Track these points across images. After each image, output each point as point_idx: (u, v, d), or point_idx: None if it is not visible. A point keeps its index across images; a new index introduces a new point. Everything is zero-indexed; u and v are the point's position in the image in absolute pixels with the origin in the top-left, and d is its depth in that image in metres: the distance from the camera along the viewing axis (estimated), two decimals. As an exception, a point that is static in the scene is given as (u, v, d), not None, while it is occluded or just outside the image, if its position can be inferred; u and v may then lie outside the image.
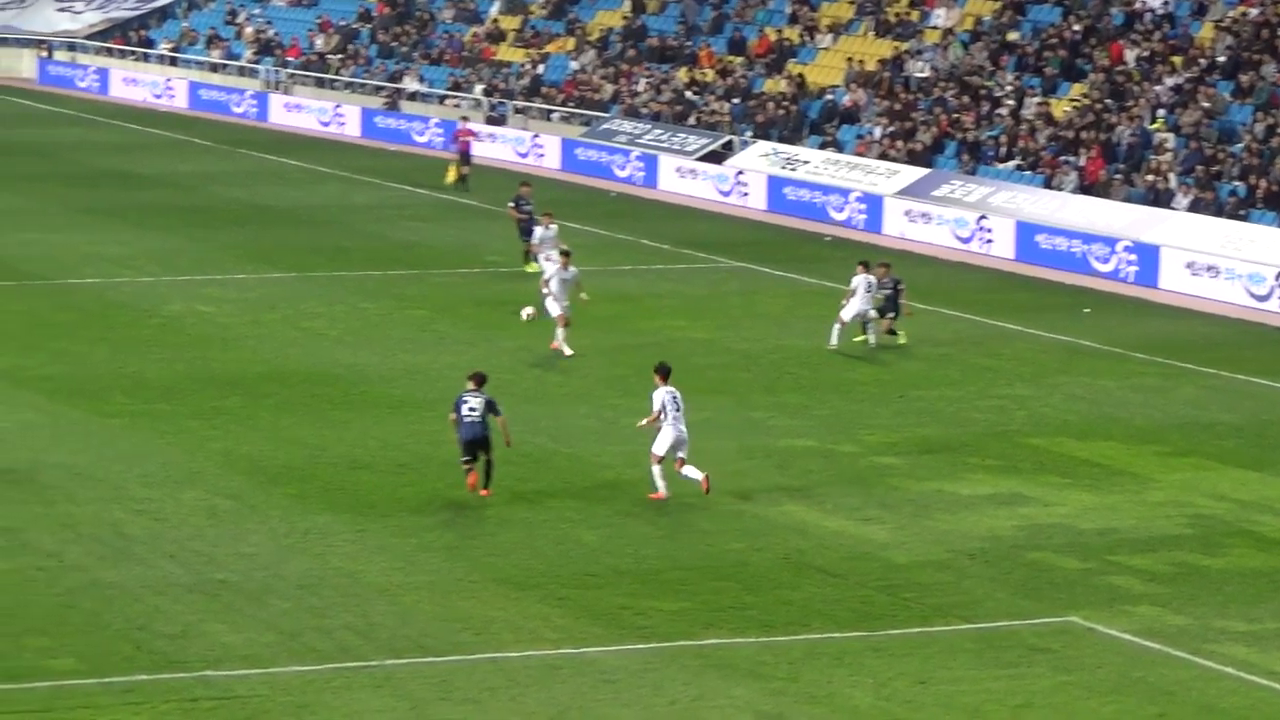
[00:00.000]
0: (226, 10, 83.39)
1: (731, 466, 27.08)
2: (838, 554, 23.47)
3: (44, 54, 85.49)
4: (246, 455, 27.42)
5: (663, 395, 25.07)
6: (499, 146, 63.41)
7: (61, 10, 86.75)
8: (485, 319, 37.66)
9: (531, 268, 41.06)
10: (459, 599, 21.12)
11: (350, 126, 70.76)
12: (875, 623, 20.63)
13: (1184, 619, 21.16)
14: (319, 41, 78.45)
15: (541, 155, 63.77)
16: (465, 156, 56.25)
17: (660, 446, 24.92)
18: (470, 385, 25.23)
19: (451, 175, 55.32)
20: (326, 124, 71.48)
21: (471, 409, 24.74)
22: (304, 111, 72.93)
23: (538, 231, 40.18)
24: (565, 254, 35.75)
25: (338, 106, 72.17)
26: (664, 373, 25.49)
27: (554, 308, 34.32)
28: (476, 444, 24.77)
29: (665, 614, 20.70)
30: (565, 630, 20.03)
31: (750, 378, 34.37)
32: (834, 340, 35.95)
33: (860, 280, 35.79)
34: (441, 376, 26.71)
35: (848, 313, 35.92)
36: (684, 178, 58.74)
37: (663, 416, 24.88)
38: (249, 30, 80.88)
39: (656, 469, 25.04)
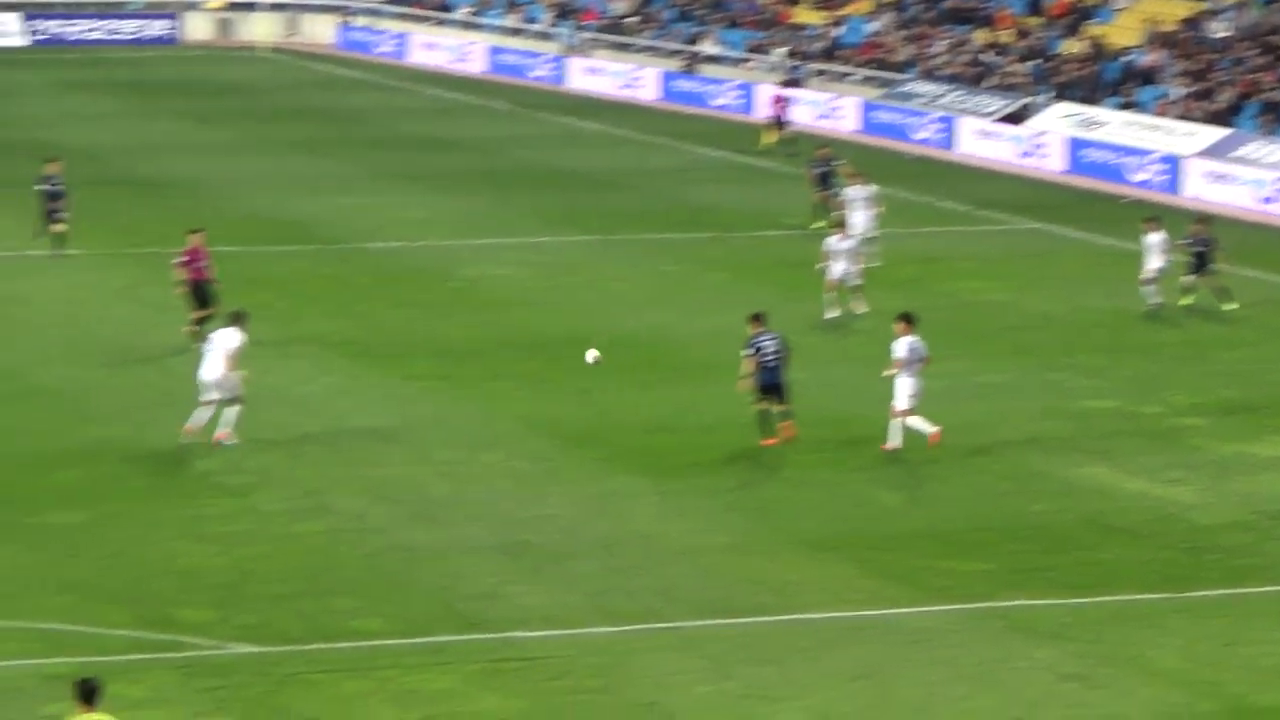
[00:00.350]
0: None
1: (1033, 427, 26.90)
2: (1141, 515, 22.98)
3: (344, 20, 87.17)
4: (548, 417, 27.24)
5: (906, 344, 24.86)
6: (796, 109, 62.63)
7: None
8: (786, 281, 36.96)
9: (819, 224, 41.01)
10: (761, 560, 20.81)
11: (648, 90, 70.55)
12: (1180, 584, 20.11)
13: None
14: (616, 5, 78.52)
15: (839, 117, 63.15)
16: (780, 121, 55.65)
17: (901, 398, 24.68)
18: (757, 327, 25.16)
19: (767, 139, 55.04)
20: (625, 87, 71.40)
21: (775, 353, 24.77)
22: (602, 75, 73.01)
23: (849, 192, 39.54)
24: (840, 225, 35.29)
25: (636, 70, 72.06)
26: (908, 321, 25.26)
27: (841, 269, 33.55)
28: (775, 389, 24.73)
29: (967, 575, 20.39)
30: (867, 591, 19.73)
31: (1049, 339, 33.64)
32: (1155, 299, 34.77)
33: (1154, 239, 34.63)
34: (742, 339, 26.04)
35: (1150, 272, 34.81)
36: (982, 139, 57.95)
37: (904, 366, 24.76)
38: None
39: (899, 421, 24.97)
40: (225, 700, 16.10)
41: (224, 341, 24.88)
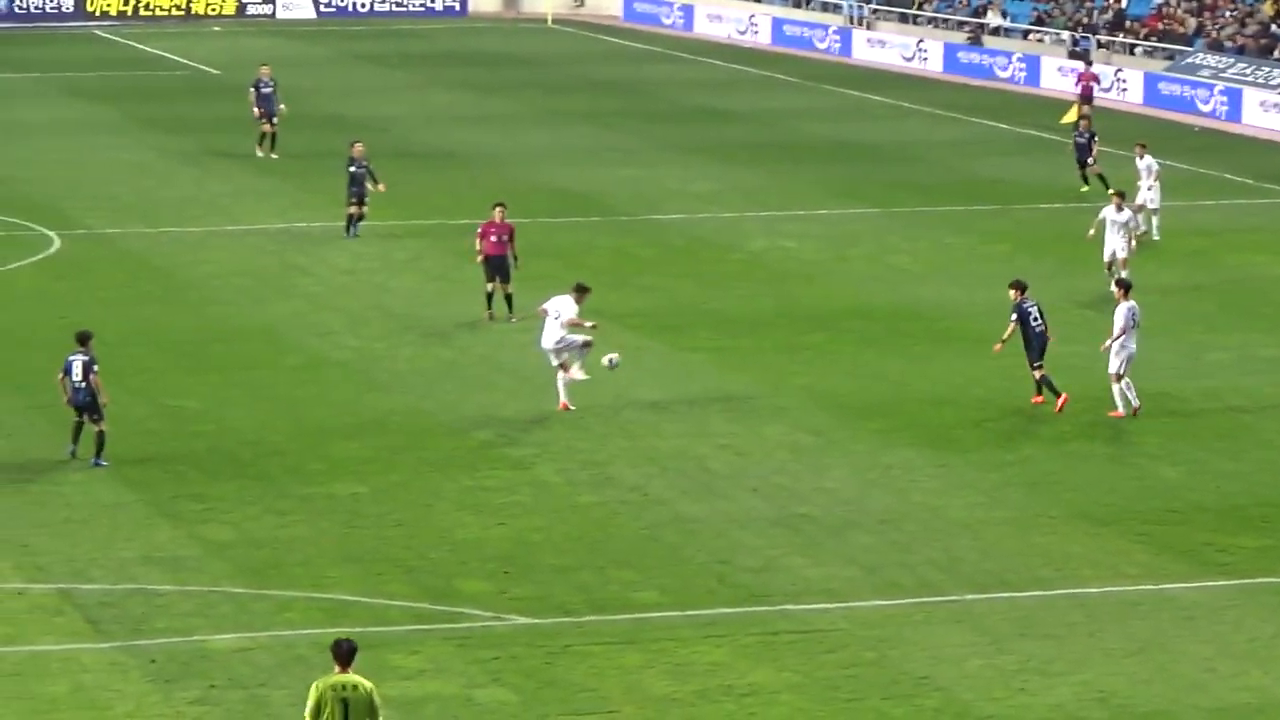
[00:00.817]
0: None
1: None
2: None
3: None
4: (829, 390, 27.23)
5: (1125, 311, 25.06)
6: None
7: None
8: (1069, 254, 36.09)
9: (1085, 189, 41.79)
10: (1039, 534, 20.63)
11: (933, 62, 69.66)
12: None
13: None
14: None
15: (1124, 89, 61.96)
16: (1087, 98, 54.43)
17: (1114, 362, 24.88)
18: (1019, 295, 25.67)
19: (1072, 115, 53.81)
20: (909, 59, 70.54)
21: (1039, 319, 25.33)
22: (887, 47, 72.24)
23: (1138, 164, 38.48)
24: (1119, 195, 33.91)
25: (920, 42, 71.15)
26: (1125, 288, 25.72)
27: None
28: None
29: (1248, 551, 20.07)
30: (1145, 566, 19.54)
31: (1336, 313, 32.52)
32: None
33: None
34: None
35: None
36: (1269, 112, 56.18)
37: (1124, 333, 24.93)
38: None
39: (1116, 387, 24.94)
40: (501, 671, 16.48)
41: (563, 309, 25.38)
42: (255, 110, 47.38)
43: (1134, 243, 32.92)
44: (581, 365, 25.43)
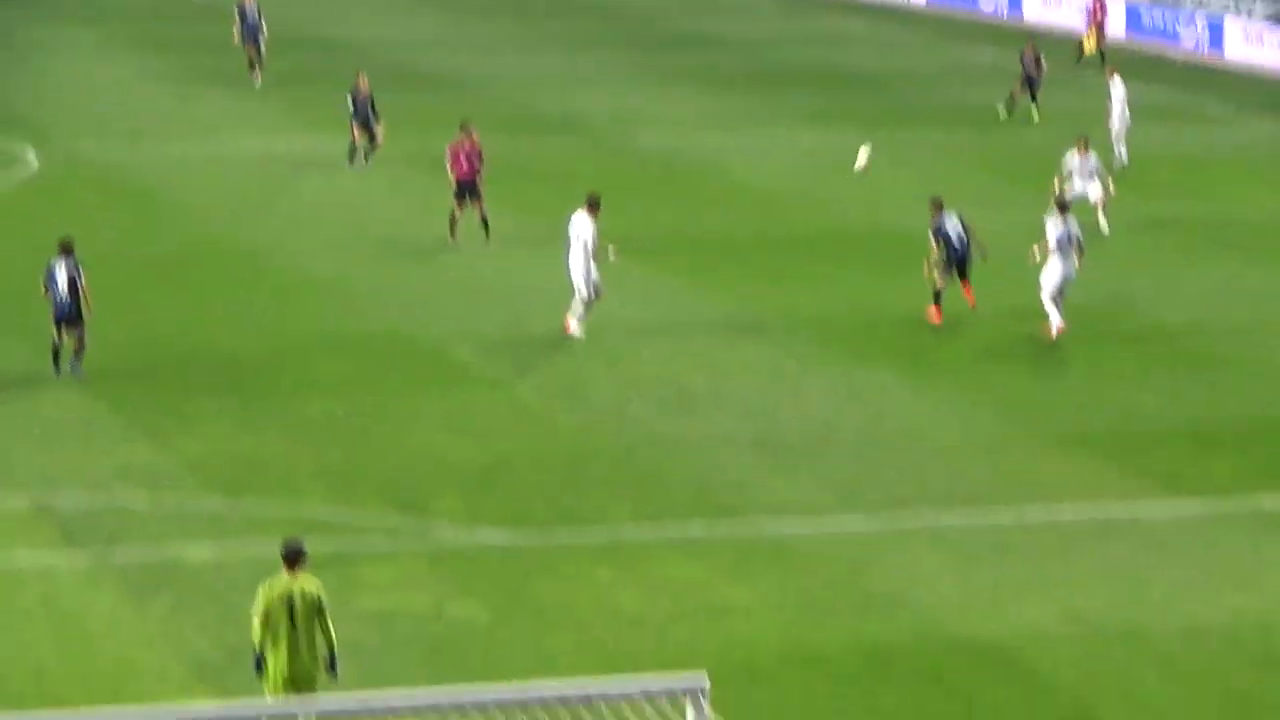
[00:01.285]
0: None
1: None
2: None
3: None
4: (807, 312, 27.12)
5: (1058, 226, 24.95)
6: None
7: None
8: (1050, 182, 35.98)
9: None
10: (1015, 457, 20.73)
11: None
12: None
13: None
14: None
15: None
16: (1100, 27, 53.18)
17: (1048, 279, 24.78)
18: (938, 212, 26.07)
19: (1091, 45, 52.68)
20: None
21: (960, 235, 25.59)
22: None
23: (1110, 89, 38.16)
24: (1083, 141, 32.53)
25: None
26: (1063, 207, 25.73)
27: None
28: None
29: (1222, 473, 20.16)
30: (1120, 488, 19.62)
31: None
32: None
33: None
34: (1002, 236, 25.79)
35: None
36: (1251, 43, 55.26)
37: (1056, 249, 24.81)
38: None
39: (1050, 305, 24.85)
40: (473, 586, 16.59)
41: (582, 230, 24.99)
42: (239, 38, 47.00)
43: (1111, 188, 32.39)
44: (581, 323, 25.09)
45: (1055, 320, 24.59)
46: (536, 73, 51.70)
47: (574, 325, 24.91)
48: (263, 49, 47.09)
